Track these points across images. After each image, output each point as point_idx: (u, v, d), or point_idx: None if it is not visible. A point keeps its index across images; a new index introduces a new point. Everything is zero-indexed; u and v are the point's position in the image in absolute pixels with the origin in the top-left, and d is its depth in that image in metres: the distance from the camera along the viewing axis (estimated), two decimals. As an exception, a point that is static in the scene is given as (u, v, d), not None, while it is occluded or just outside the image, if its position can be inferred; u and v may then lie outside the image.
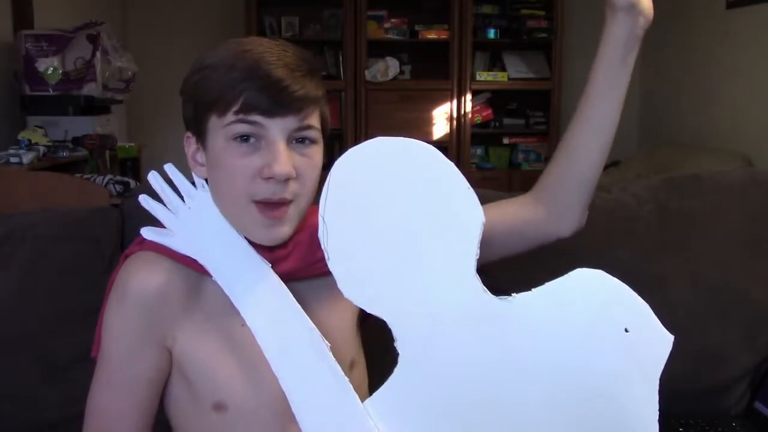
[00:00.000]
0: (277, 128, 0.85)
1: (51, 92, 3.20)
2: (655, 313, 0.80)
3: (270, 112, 0.84)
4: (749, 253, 1.45)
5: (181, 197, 0.93)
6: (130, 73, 3.58)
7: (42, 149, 2.86)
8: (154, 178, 0.93)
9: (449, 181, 0.82)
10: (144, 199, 0.93)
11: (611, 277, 0.79)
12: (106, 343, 0.89)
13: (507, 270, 1.04)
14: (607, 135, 0.98)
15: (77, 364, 1.21)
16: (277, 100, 0.84)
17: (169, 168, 0.94)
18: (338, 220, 0.81)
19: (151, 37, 4.63)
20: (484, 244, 0.82)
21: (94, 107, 3.32)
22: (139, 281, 0.88)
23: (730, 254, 1.45)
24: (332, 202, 0.82)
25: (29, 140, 2.88)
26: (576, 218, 1.02)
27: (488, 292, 0.80)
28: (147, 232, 0.91)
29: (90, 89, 3.25)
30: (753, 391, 1.45)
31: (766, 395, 1.42)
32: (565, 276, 0.80)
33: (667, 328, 0.80)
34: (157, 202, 0.93)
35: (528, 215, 1.01)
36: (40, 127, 3.09)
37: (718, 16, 3.96)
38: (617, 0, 0.95)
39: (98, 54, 3.27)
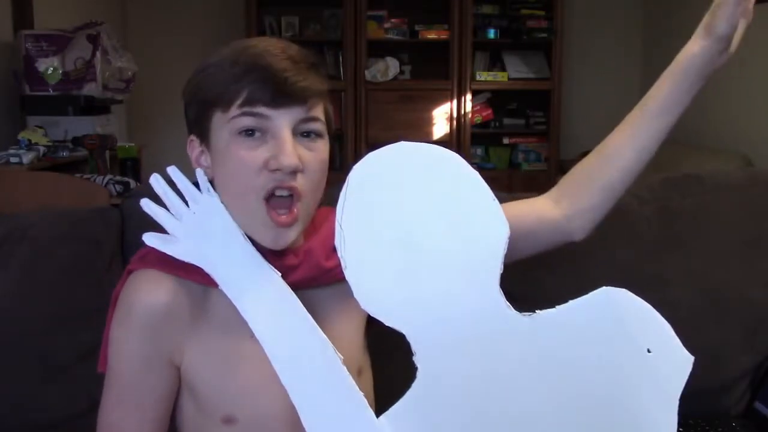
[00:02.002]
0: (282, 119, 0.84)
1: (51, 92, 3.20)
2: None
3: (274, 103, 0.83)
4: (749, 253, 1.45)
5: (185, 201, 0.89)
6: (130, 73, 3.57)
7: (42, 149, 2.86)
8: (156, 181, 0.88)
9: (474, 191, 0.79)
10: (146, 204, 0.88)
11: (635, 296, 0.78)
12: (114, 362, 0.88)
13: (510, 272, 1.04)
14: (651, 151, 0.99)
15: (77, 364, 1.21)
16: (281, 90, 0.83)
17: (172, 171, 0.89)
18: (356, 227, 0.78)
19: (151, 37, 4.63)
20: None
21: (94, 107, 3.32)
22: (143, 301, 0.86)
23: (730, 254, 1.45)
24: (350, 209, 0.78)
25: (29, 140, 2.88)
26: (592, 223, 1.01)
27: (511, 307, 0.78)
28: (150, 239, 0.87)
29: (90, 89, 3.25)
30: (753, 391, 1.45)
31: (766, 395, 1.42)
32: (590, 294, 0.78)
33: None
34: (160, 207, 0.88)
35: (543, 215, 1.00)
36: (40, 127, 3.09)
37: (718, 16, 3.95)
38: (716, 26, 0.92)
39: (98, 54, 3.27)
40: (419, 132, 4.50)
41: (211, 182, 0.91)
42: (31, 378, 1.20)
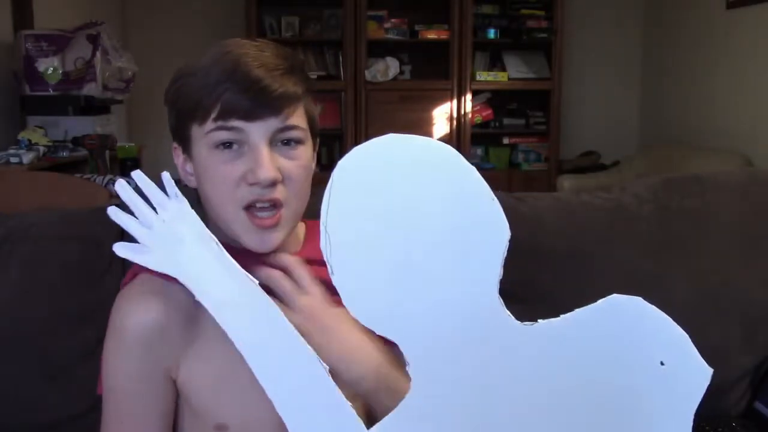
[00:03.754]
0: (258, 132, 0.83)
1: (51, 92, 3.20)
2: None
3: (249, 116, 0.82)
4: (749, 253, 1.45)
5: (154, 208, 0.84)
6: (130, 73, 3.58)
7: (42, 149, 2.86)
8: (122, 187, 0.83)
9: (471, 189, 0.72)
10: (114, 212, 0.83)
11: (648, 304, 0.72)
12: (111, 383, 0.87)
13: (508, 272, 1.03)
14: None
15: (77, 364, 1.20)
16: (256, 102, 0.81)
17: (137, 175, 0.84)
18: (342, 229, 0.72)
19: (151, 37, 4.63)
20: None
21: (94, 107, 3.32)
22: (135, 321, 0.85)
23: (730, 254, 1.45)
24: (335, 209, 0.72)
25: (29, 140, 2.88)
26: None
27: (511, 316, 0.73)
28: (120, 249, 0.83)
29: (90, 89, 3.25)
30: (753, 391, 1.45)
31: (766, 395, 1.42)
32: (599, 302, 0.73)
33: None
34: (128, 216, 0.84)
35: None
36: (40, 127, 3.09)
37: (718, 16, 3.96)
38: None
39: (98, 54, 3.27)
40: (419, 132, 4.40)
41: (196, 191, 0.90)
42: (31, 378, 1.20)
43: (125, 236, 1.26)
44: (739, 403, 1.45)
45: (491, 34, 4.58)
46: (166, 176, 0.84)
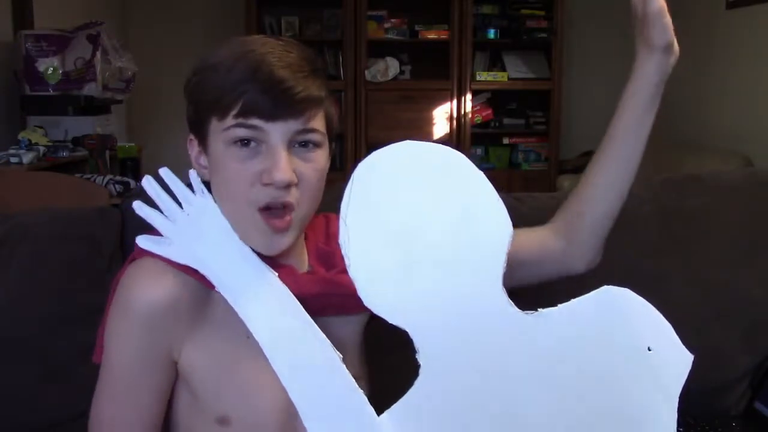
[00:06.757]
0: (277, 132, 0.82)
1: (51, 92, 3.20)
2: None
3: (270, 116, 0.81)
4: (749, 253, 1.45)
5: (179, 203, 0.88)
6: (130, 73, 3.57)
7: (42, 149, 2.86)
8: (148, 183, 0.88)
9: (478, 190, 0.79)
10: (138, 206, 0.88)
11: (636, 295, 0.79)
12: (110, 355, 0.87)
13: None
14: (629, 175, 0.99)
15: (77, 364, 1.20)
16: (278, 103, 0.81)
17: (165, 172, 0.88)
18: (360, 224, 0.78)
19: (151, 37, 4.63)
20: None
21: (94, 107, 3.32)
22: (144, 295, 0.84)
23: (730, 254, 1.45)
24: (355, 206, 0.78)
25: (29, 140, 2.88)
26: (592, 255, 1.02)
27: (513, 305, 0.79)
28: (143, 241, 0.86)
29: (90, 89, 3.25)
30: (753, 391, 1.45)
31: (766, 395, 1.42)
32: (592, 293, 0.79)
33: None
34: (152, 209, 0.88)
35: (546, 247, 1.01)
36: (40, 127, 3.09)
37: (718, 16, 3.96)
38: (656, 40, 0.95)
39: (98, 54, 3.27)
40: (419, 132, 4.49)
41: (207, 183, 0.90)
42: (31, 378, 1.20)
43: (125, 236, 1.27)
44: (739, 403, 1.45)
45: (491, 34, 4.58)
46: (193, 174, 0.89)
